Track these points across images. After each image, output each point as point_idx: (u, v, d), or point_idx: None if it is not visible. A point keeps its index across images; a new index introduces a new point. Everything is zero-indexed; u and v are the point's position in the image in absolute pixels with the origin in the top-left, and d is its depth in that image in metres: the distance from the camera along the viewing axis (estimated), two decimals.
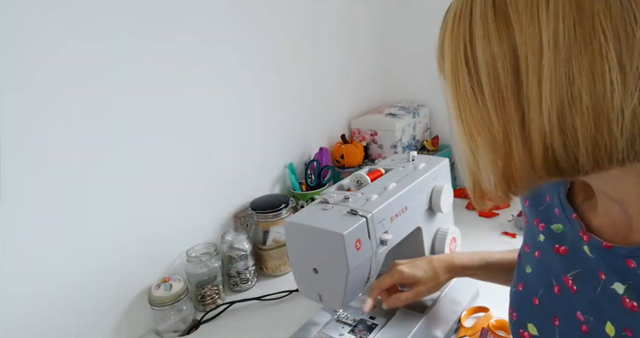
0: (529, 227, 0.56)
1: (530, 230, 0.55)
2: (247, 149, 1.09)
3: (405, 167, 0.87)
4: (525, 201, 0.57)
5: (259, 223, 1.02)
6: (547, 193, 0.53)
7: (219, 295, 0.96)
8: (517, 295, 0.56)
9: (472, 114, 0.39)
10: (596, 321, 0.45)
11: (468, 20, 0.37)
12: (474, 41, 0.37)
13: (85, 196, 0.79)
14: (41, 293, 0.75)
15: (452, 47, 0.39)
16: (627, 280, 0.41)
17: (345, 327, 0.80)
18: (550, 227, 0.51)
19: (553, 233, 0.50)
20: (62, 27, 0.72)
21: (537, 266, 0.53)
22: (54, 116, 0.73)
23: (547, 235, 0.51)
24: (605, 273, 0.44)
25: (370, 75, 1.46)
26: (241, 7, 1.01)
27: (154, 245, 0.91)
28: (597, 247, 0.44)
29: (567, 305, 0.48)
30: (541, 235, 0.52)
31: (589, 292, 0.45)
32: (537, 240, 0.53)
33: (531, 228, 0.55)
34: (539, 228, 0.53)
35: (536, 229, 0.53)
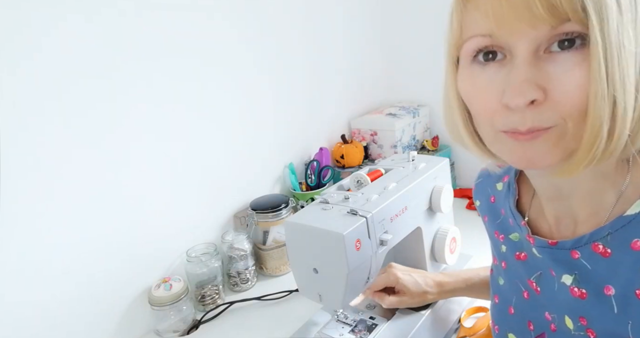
0: (492, 241, 0.58)
1: (494, 243, 0.58)
2: (247, 149, 1.09)
3: (405, 167, 0.87)
4: (484, 216, 0.60)
5: (259, 223, 1.02)
6: (501, 206, 0.56)
7: (219, 295, 0.96)
8: (495, 307, 0.58)
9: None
10: (558, 317, 0.47)
11: None
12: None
13: (85, 196, 0.79)
14: (41, 294, 0.75)
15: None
16: (574, 270, 0.44)
17: (345, 327, 0.80)
18: (509, 237, 0.53)
19: (512, 242, 0.53)
20: (64, 27, 0.72)
21: (507, 276, 0.55)
22: (54, 116, 0.73)
23: (508, 245, 0.54)
24: (554, 269, 0.46)
25: (371, 75, 1.46)
26: (241, 8, 1.01)
27: (154, 245, 0.91)
28: (543, 247, 0.47)
29: (536, 307, 0.50)
30: (503, 246, 0.55)
31: (549, 291, 0.48)
32: (500, 251, 0.56)
33: (494, 242, 0.57)
34: (499, 239, 0.55)
35: (498, 241, 0.56)
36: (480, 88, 0.39)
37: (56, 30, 0.72)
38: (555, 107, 0.35)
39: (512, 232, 0.53)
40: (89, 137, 0.78)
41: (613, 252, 0.41)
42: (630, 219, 0.40)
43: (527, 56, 0.35)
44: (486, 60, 0.38)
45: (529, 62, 0.35)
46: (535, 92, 0.35)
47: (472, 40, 0.38)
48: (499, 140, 0.40)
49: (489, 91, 0.38)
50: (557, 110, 0.35)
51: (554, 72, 0.35)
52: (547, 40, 0.34)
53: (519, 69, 0.35)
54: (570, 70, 0.34)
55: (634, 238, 0.39)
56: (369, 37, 1.43)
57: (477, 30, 0.37)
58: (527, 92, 0.35)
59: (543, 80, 0.35)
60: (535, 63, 0.35)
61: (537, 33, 0.34)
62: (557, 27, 0.33)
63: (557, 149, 0.37)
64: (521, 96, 0.35)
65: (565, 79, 0.34)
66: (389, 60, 1.47)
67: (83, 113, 0.77)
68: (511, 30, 0.35)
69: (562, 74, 0.34)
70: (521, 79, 0.35)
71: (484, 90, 0.39)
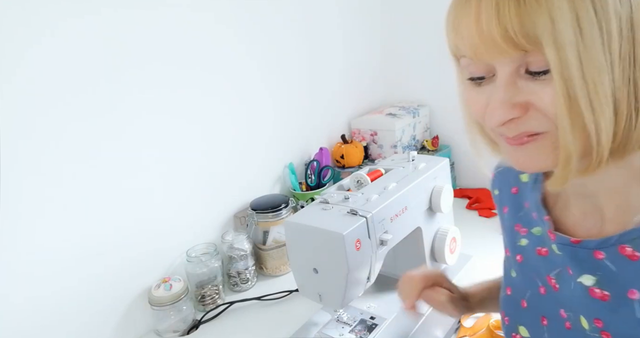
0: (509, 233, 0.58)
1: (510, 235, 0.57)
2: (248, 149, 1.09)
3: (405, 167, 0.87)
4: (504, 207, 0.58)
5: (259, 223, 1.02)
6: (525, 199, 0.55)
7: (219, 295, 0.96)
8: (506, 299, 0.57)
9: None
10: (574, 316, 0.46)
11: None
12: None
13: (85, 196, 0.79)
14: (41, 294, 0.75)
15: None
16: (596, 271, 0.43)
17: (345, 327, 0.80)
18: (532, 231, 0.53)
19: (535, 236, 0.52)
20: (64, 27, 0.72)
21: (521, 269, 0.55)
22: (55, 115, 0.73)
23: (530, 239, 0.53)
24: (572, 268, 0.46)
25: (371, 75, 1.46)
26: (240, 9, 1.01)
27: (154, 245, 0.91)
28: (564, 244, 0.46)
29: (552, 304, 0.50)
30: (523, 239, 0.54)
31: (567, 289, 0.47)
32: (517, 244, 0.55)
33: (511, 234, 0.57)
34: (520, 233, 0.55)
35: (517, 234, 0.55)
36: (473, 102, 0.42)
37: (56, 31, 0.72)
38: (540, 116, 0.37)
39: (535, 225, 0.52)
40: (89, 138, 0.78)
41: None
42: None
43: (506, 77, 0.37)
44: (479, 83, 0.41)
45: (507, 82, 0.37)
46: (509, 112, 0.38)
47: (463, 59, 0.41)
48: (500, 141, 0.43)
49: (479, 107, 0.41)
50: (544, 118, 0.37)
51: (535, 87, 0.37)
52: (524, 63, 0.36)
53: (496, 91, 0.38)
54: (547, 87, 0.36)
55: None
56: (368, 37, 1.43)
57: (463, 52, 0.40)
58: (501, 114, 0.38)
59: (523, 96, 0.37)
60: (515, 82, 0.37)
61: (510, 58, 0.36)
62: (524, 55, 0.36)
63: (549, 154, 0.39)
64: (495, 118, 0.38)
65: (543, 95, 0.36)
66: (389, 60, 1.47)
67: (83, 113, 0.77)
68: (487, 56, 0.37)
69: (541, 91, 0.36)
70: (497, 101, 0.38)
71: (475, 105, 0.42)
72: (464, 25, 0.38)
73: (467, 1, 0.38)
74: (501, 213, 0.59)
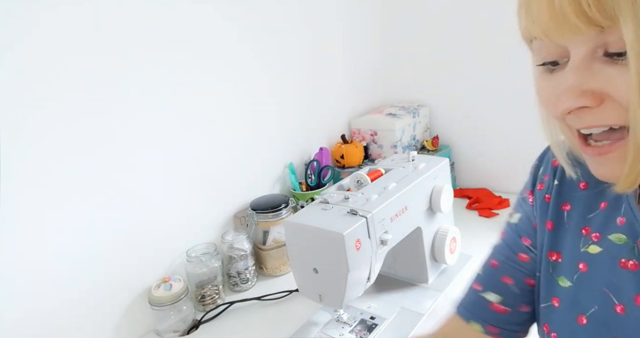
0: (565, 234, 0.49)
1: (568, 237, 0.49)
2: (247, 149, 1.09)
3: (405, 167, 0.87)
4: (565, 204, 0.50)
5: (259, 223, 1.02)
6: (603, 199, 0.47)
7: (219, 295, 0.96)
8: (553, 311, 0.49)
9: None
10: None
11: None
12: None
13: (85, 195, 0.79)
14: (41, 294, 0.75)
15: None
16: None
17: (345, 327, 0.80)
18: (609, 238, 0.45)
19: (614, 244, 0.44)
20: (66, 25, 0.72)
21: (585, 280, 0.46)
22: (55, 115, 0.73)
23: (605, 247, 0.45)
24: None
25: (371, 75, 1.46)
26: (241, 10, 1.01)
27: (154, 245, 0.91)
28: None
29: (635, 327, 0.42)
30: (594, 246, 0.46)
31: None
32: (581, 250, 0.47)
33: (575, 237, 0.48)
34: (591, 238, 0.46)
35: (585, 239, 0.47)
36: (542, 92, 0.38)
37: (51, 24, 0.71)
38: (617, 108, 0.33)
39: (616, 232, 0.44)
40: (89, 139, 0.78)
41: None
42: None
43: (579, 60, 0.33)
44: (552, 70, 0.37)
45: (578, 67, 0.33)
46: (577, 99, 0.33)
47: (535, 41, 0.37)
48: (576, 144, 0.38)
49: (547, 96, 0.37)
50: (621, 110, 0.33)
51: (612, 73, 0.32)
52: (602, 43, 0.32)
53: (565, 76, 0.34)
54: (626, 73, 0.31)
55: None
56: (369, 37, 1.43)
57: (535, 33, 0.36)
58: (567, 100, 0.34)
59: (598, 83, 0.33)
60: (589, 67, 0.33)
61: (584, 38, 0.32)
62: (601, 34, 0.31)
63: (624, 164, 0.34)
64: (560, 105, 0.34)
65: (620, 82, 0.32)
66: (389, 60, 1.47)
67: (84, 112, 0.77)
68: (559, 36, 0.33)
69: (619, 77, 0.32)
70: (565, 86, 0.34)
71: (544, 94, 0.38)
72: (535, 2, 0.34)
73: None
74: (556, 209, 0.50)
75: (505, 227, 0.58)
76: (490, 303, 0.54)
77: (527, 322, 0.54)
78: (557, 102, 0.34)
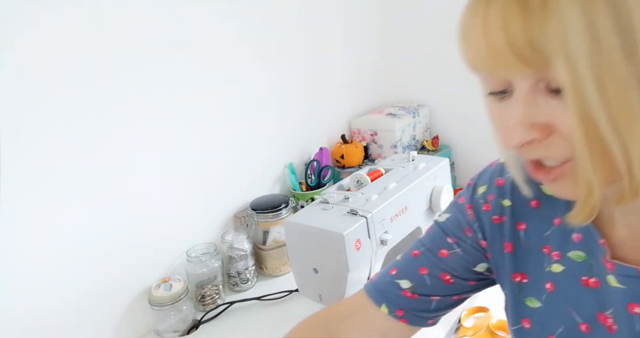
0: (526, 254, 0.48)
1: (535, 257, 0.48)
2: (247, 149, 1.09)
3: (405, 167, 0.87)
4: (520, 223, 0.49)
5: (259, 223, 1.02)
6: (555, 215, 0.46)
7: (219, 295, 0.96)
8: (524, 333, 0.48)
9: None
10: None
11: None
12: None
13: (85, 196, 0.79)
14: (41, 294, 0.75)
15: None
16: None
17: None
18: (568, 256, 0.44)
19: (574, 262, 0.44)
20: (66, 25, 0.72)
21: (552, 300, 0.46)
22: (55, 115, 0.73)
23: (567, 265, 0.44)
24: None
25: (370, 75, 1.46)
26: (241, 10, 1.01)
27: (154, 245, 0.91)
28: (630, 276, 0.39)
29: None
30: (556, 265, 0.45)
31: (628, 330, 0.40)
32: (545, 269, 0.46)
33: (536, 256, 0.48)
34: (552, 257, 0.46)
35: (546, 258, 0.47)
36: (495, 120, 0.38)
37: (51, 23, 0.72)
38: (563, 141, 0.33)
39: (574, 249, 0.44)
40: (89, 139, 0.78)
41: None
42: None
43: (524, 94, 0.33)
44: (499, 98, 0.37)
45: (525, 100, 0.33)
46: (528, 133, 0.33)
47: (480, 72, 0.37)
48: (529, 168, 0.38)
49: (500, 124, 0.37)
50: (567, 144, 0.33)
51: (556, 106, 0.32)
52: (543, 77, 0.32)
53: (513, 109, 0.34)
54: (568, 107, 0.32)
55: None
56: (369, 37, 1.43)
57: (477, 66, 0.36)
58: (519, 135, 0.34)
59: (544, 116, 0.33)
60: (534, 100, 0.33)
61: (525, 74, 0.32)
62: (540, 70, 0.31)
63: (577, 187, 0.34)
64: (513, 139, 0.34)
65: (564, 117, 0.32)
66: (389, 60, 1.48)
67: (83, 112, 0.77)
68: (500, 72, 0.33)
69: (562, 111, 0.32)
70: (514, 120, 0.34)
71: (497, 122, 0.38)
72: (473, 37, 0.34)
73: (474, 11, 0.33)
74: (512, 230, 0.49)
75: (432, 224, 0.58)
76: (402, 289, 0.54)
77: (437, 311, 0.55)
78: (510, 136, 0.34)
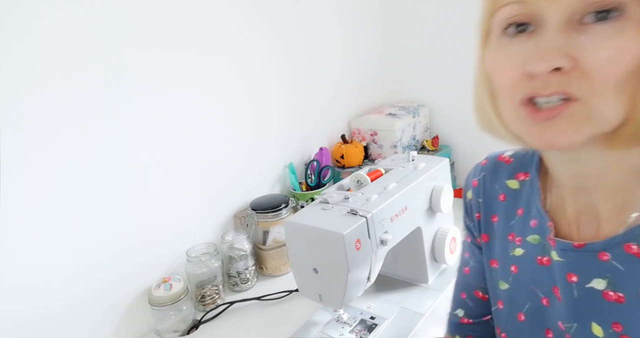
0: (500, 243, 0.54)
1: (501, 245, 0.54)
2: (247, 149, 1.09)
3: (405, 167, 0.87)
4: (493, 216, 0.55)
5: (259, 223, 1.02)
6: (518, 206, 0.52)
7: (219, 295, 0.96)
8: (499, 313, 0.54)
9: None
10: (580, 326, 0.44)
11: None
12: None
13: (85, 196, 0.79)
14: (41, 293, 0.75)
15: None
16: (605, 274, 0.41)
17: (345, 327, 0.80)
18: (527, 240, 0.50)
19: (532, 245, 0.49)
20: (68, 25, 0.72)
21: (517, 281, 0.51)
22: (55, 115, 0.73)
23: (527, 248, 0.50)
24: (577, 274, 0.43)
25: (370, 75, 1.46)
26: (241, 10, 1.01)
27: (154, 245, 0.91)
28: (566, 250, 0.44)
29: (555, 316, 0.47)
30: (518, 249, 0.51)
31: (569, 298, 0.45)
32: (510, 254, 0.52)
33: (502, 243, 0.53)
34: (515, 242, 0.51)
35: (511, 244, 0.52)
36: (503, 59, 0.38)
37: (54, 22, 0.72)
38: (584, 77, 0.34)
39: (531, 233, 0.49)
40: (89, 139, 0.78)
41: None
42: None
43: (559, 24, 0.34)
44: (517, 32, 0.37)
45: (559, 30, 0.34)
46: (561, 59, 0.33)
47: (506, 8, 0.37)
48: (519, 118, 0.38)
49: (513, 61, 0.37)
50: (586, 81, 0.34)
51: (587, 43, 0.33)
52: (581, 9, 0.33)
53: (548, 35, 0.34)
54: (604, 41, 0.33)
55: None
56: (369, 37, 1.43)
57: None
58: (552, 57, 0.33)
59: (573, 50, 0.33)
60: (567, 32, 0.34)
61: (566, 2, 0.33)
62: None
63: (579, 128, 0.35)
64: (545, 61, 0.34)
65: (597, 51, 0.33)
66: (389, 60, 1.47)
67: (83, 112, 0.77)
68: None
69: (595, 45, 0.33)
70: (548, 45, 0.34)
71: (507, 61, 0.37)
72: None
73: None
74: (487, 222, 0.56)
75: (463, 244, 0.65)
76: (460, 318, 0.62)
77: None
78: (542, 58, 0.34)
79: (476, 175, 0.57)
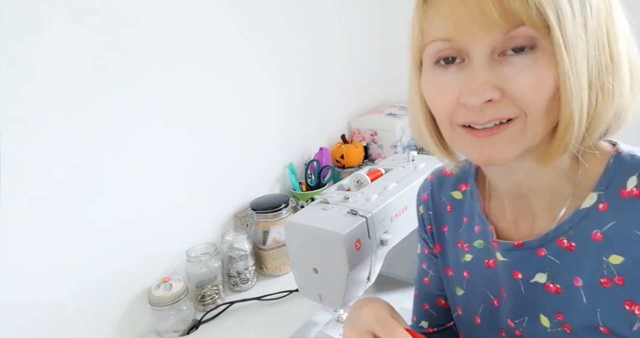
0: (451, 251, 0.57)
1: (453, 253, 0.57)
2: (247, 149, 1.09)
3: (405, 167, 0.87)
4: (443, 227, 0.58)
5: (259, 223, 1.02)
6: (463, 215, 0.56)
7: (219, 295, 0.96)
8: (459, 319, 0.57)
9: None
10: (530, 319, 0.47)
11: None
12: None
13: (85, 196, 0.79)
14: (41, 294, 0.75)
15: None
16: (545, 268, 0.45)
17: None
18: (474, 245, 0.53)
19: (478, 250, 0.53)
20: (68, 25, 0.72)
21: (470, 285, 0.55)
22: (55, 115, 0.73)
23: (474, 253, 0.54)
24: (521, 271, 0.47)
25: (370, 75, 1.46)
26: (240, 9, 1.01)
27: (154, 245, 0.91)
28: (508, 249, 0.48)
29: (505, 315, 0.50)
30: (468, 254, 0.54)
31: (515, 295, 0.48)
32: (461, 261, 0.55)
33: (453, 251, 0.57)
34: (464, 249, 0.55)
35: (460, 251, 0.56)
36: (441, 89, 0.41)
37: (54, 23, 0.72)
38: (513, 103, 0.38)
39: (476, 239, 0.53)
40: (89, 139, 0.78)
41: (577, 245, 0.43)
42: (587, 212, 0.43)
43: (483, 59, 0.37)
44: (446, 64, 0.40)
45: (484, 64, 0.37)
46: (490, 92, 0.37)
47: (433, 44, 0.40)
48: (458, 137, 0.42)
49: (448, 92, 0.40)
50: (516, 105, 0.38)
51: (510, 73, 0.37)
52: (501, 44, 0.37)
53: (476, 72, 0.38)
54: (524, 72, 0.36)
55: (593, 229, 0.42)
56: (369, 37, 1.43)
57: (437, 35, 0.39)
58: (483, 92, 0.37)
59: (499, 82, 0.37)
60: (491, 65, 0.37)
61: (491, 38, 0.36)
62: (509, 32, 0.36)
63: (516, 145, 0.39)
64: (477, 96, 0.37)
65: (520, 80, 0.37)
66: (388, 60, 1.48)
67: (83, 113, 0.77)
68: (468, 35, 0.37)
69: (517, 75, 0.37)
70: (478, 81, 0.37)
71: (444, 91, 0.41)
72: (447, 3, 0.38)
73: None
74: (439, 233, 0.59)
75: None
76: (425, 329, 0.64)
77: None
78: (473, 92, 0.37)
79: (425, 189, 0.62)
